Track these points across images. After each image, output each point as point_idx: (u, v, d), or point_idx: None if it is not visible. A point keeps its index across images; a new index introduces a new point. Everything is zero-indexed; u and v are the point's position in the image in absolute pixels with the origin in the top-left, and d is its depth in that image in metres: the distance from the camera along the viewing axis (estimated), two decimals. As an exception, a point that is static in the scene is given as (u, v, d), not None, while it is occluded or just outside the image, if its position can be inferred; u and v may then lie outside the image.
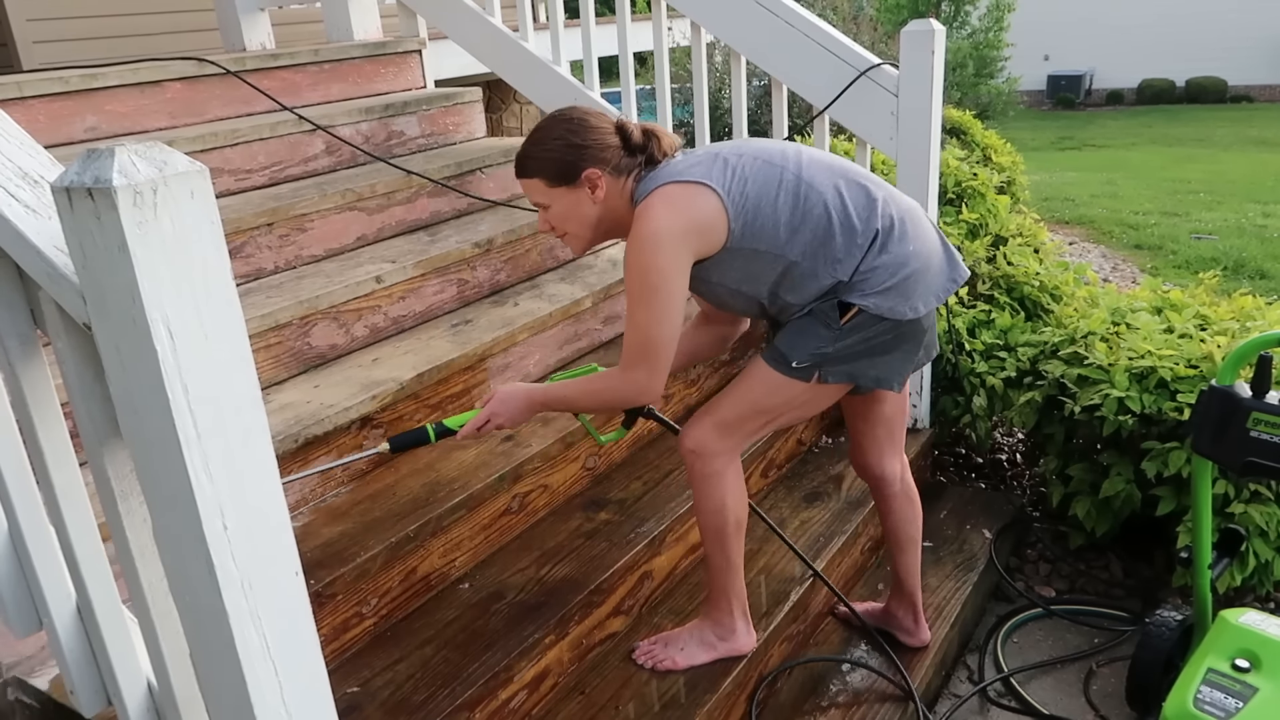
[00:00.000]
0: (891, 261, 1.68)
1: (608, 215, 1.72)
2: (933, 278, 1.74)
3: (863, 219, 1.68)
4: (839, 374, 1.74)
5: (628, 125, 1.71)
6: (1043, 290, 3.18)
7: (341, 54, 3.09)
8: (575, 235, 1.75)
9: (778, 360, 1.74)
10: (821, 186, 1.68)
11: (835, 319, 1.69)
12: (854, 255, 1.67)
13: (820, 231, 1.66)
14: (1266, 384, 1.78)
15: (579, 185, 1.68)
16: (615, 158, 1.69)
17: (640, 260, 1.62)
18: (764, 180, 1.67)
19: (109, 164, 0.78)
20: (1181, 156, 9.53)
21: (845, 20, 6.64)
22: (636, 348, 1.66)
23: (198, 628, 0.95)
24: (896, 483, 2.04)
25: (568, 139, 1.67)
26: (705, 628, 1.94)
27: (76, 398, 1.00)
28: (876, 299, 1.67)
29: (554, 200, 1.70)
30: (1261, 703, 1.70)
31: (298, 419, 1.93)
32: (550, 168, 1.67)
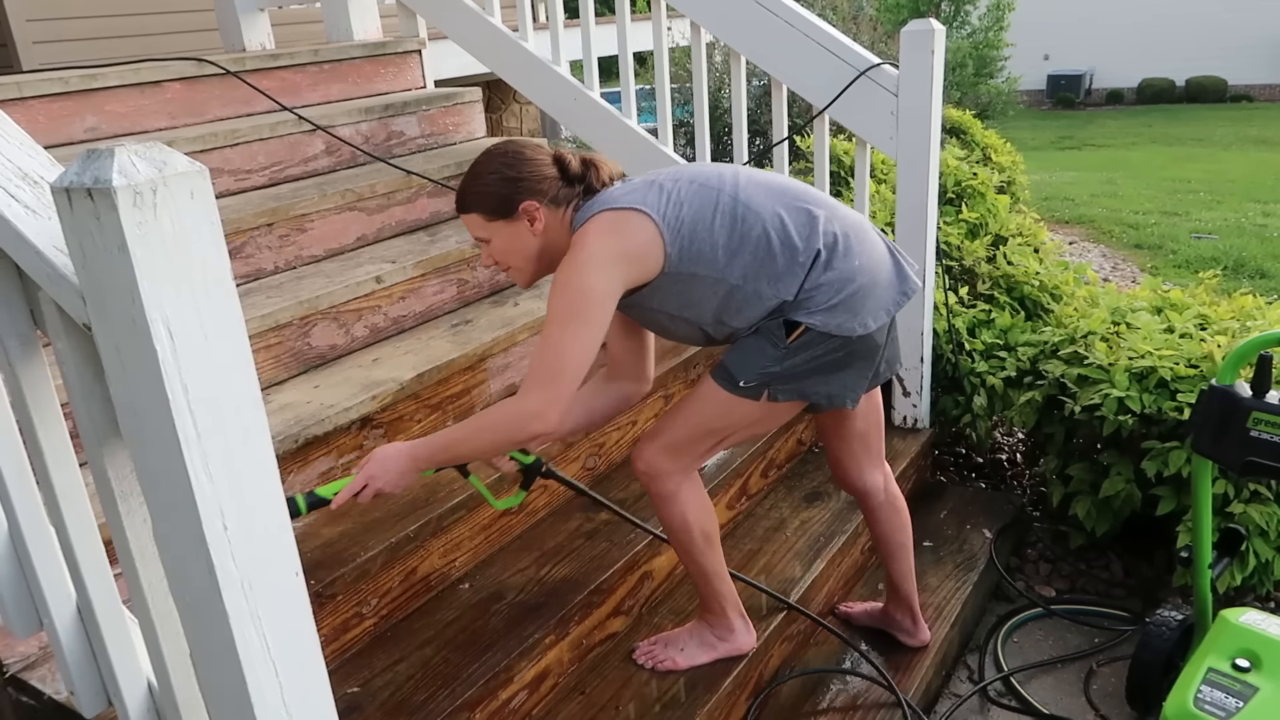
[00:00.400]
0: (836, 278, 1.66)
1: (548, 247, 1.71)
2: (881, 291, 1.71)
3: (803, 237, 1.66)
4: (788, 392, 1.72)
5: (565, 156, 1.71)
6: (1043, 290, 3.18)
7: (341, 54, 3.09)
8: (518, 269, 1.74)
9: (725, 379, 1.72)
10: (759, 207, 1.67)
11: (781, 338, 1.67)
12: (796, 274, 1.65)
13: (760, 253, 1.65)
14: (1266, 383, 1.78)
15: (517, 218, 1.67)
16: (553, 189, 1.68)
17: (569, 281, 1.59)
18: (700, 204, 1.66)
19: (109, 164, 0.78)
20: (1181, 156, 9.53)
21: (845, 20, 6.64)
22: (544, 369, 1.58)
23: (198, 628, 0.95)
24: (880, 493, 2.03)
25: (503, 172, 1.67)
26: (705, 628, 1.95)
27: (76, 398, 1.00)
28: (823, 316, 1.65)
29: (494, 234, 1.69)
30: (1262, 702, 1.70)
31: (298, 419, 1.93)
32: (487, 202, 1.67)
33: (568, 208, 1.70)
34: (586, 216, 1.66)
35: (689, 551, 1.85)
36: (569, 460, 2.24)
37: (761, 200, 1.68)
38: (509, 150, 1.70)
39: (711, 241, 1.65)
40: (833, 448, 2.01)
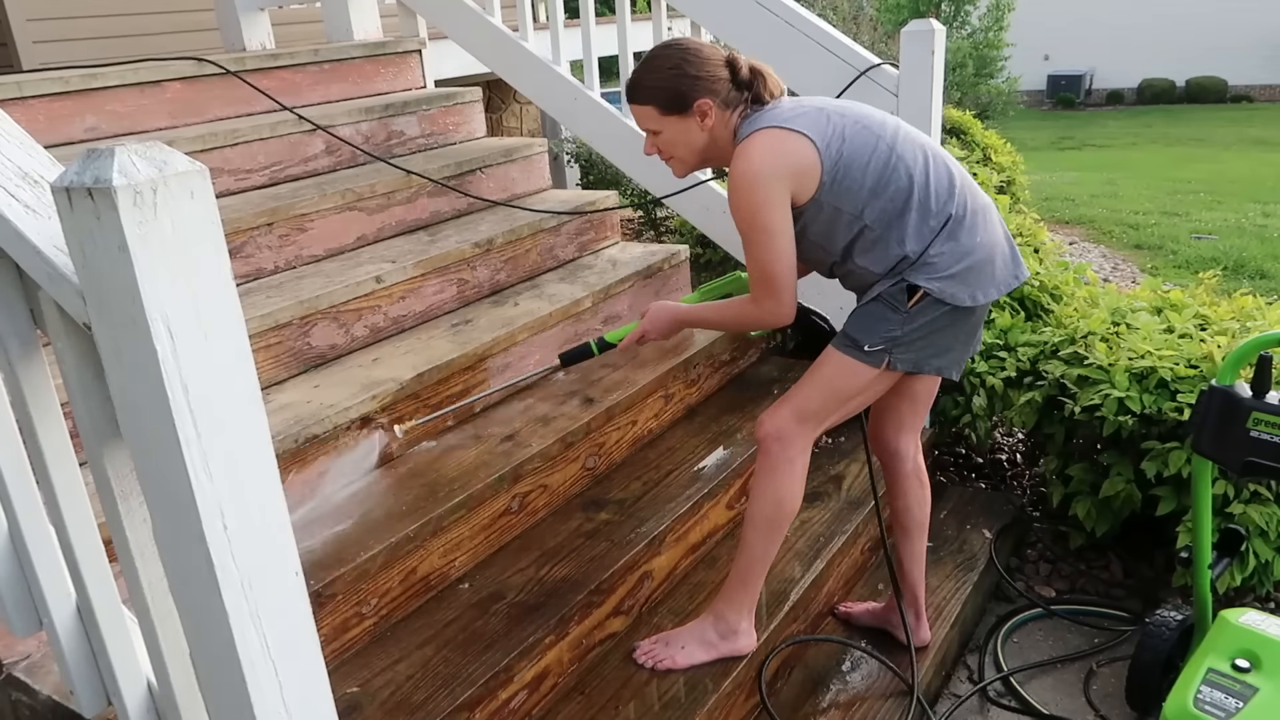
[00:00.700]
0: (958, 249, 1.76)
1: (713, 143, 1.81)
2: (995, 270, 1.81)
3: (940, 201, 1.76)
4: (906, 361, 1.81)
5: (738, 60, 1.78)
6: (1043, 290, 3.18)
7: (341, 54, 3.09)
8: (681, 160, 1.84)
9: (850, 345, 1.81)
10: (910, 162, 1.76)
11: (903, 302, 1.76)
12: (924, 235, 1.75)
13: (899, 203, 1.74)
14: (1266, 384, 1.78)
15: (690, 114, 1.77)
16: (725, 90, 1.77)
17: (743, 200, 1.71)
18: (860, 144, 1.74)
19: (109, 164, 0.78)
20: (1181, 156, 9.53)
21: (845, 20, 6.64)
22: (760, 282, 1.76)
23: (198, 628, 0.95)
24: (910, 460, 2.07)
25: (683, 69, 1.75)
26: (708, 625, 1.94)
27: (76, 398, 1.00)
28: (941, 283, 1.75)
29: (665, 127, 1.80)
30: (1262, 703, 1.70)
31: (298, 419, 1.93)
32: (664, 96, 1.76)
33: (734, 111, 1.79)
34: (754, 128, 1.74)
35: (770, 528, 1.89)
36: (569, 460, 2.24)
37: (913, 156, 1.77)
38: (688, 46, 1.78)
39: (861, 181, 1.73)
40: (883, 403, 2.04)
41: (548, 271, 2.86)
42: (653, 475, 2.35)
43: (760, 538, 1.89)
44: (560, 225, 2.89)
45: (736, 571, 1.93)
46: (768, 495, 1.87)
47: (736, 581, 1.93)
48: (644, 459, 2.43)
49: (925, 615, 2.19)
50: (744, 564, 1.91)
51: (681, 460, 2.41)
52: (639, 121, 1.83)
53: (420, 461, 2.09)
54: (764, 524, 1.88)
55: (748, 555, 1.91)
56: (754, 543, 1.90)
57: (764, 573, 1.93)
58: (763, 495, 1.88)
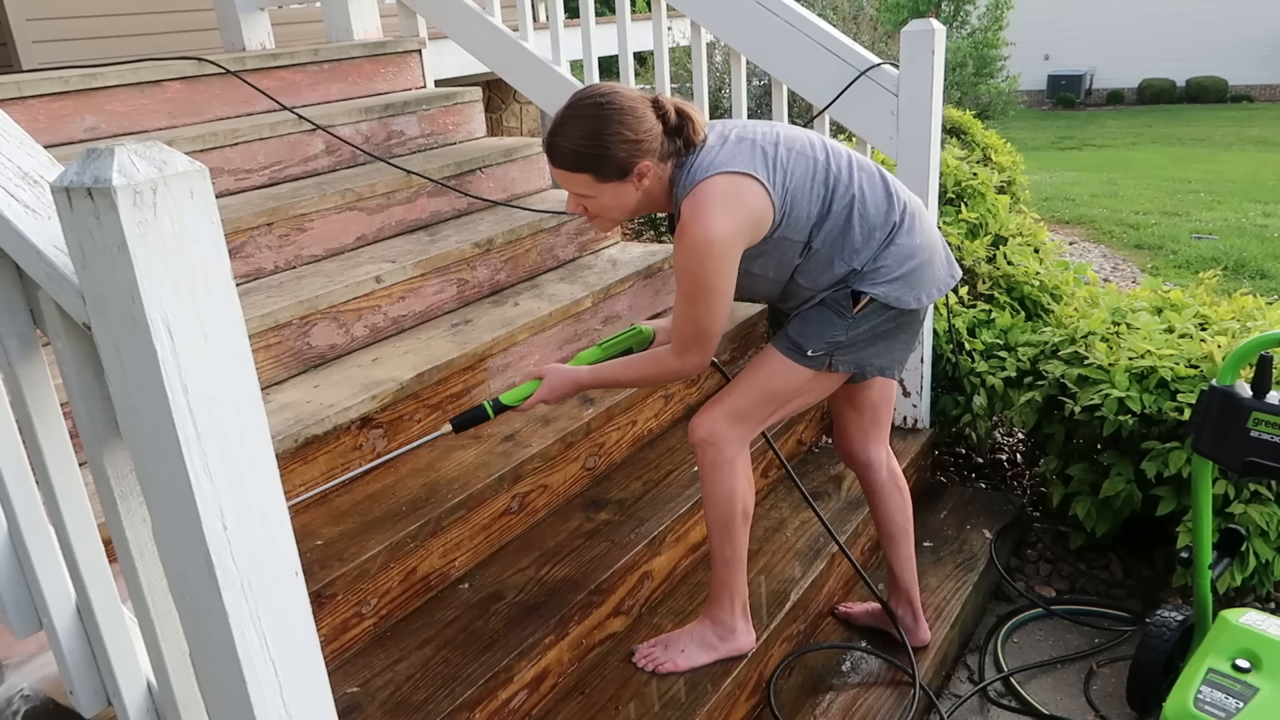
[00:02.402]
0: (900, 253, 1.74)
1: (645, 199, 1.74)
2: (936, 270, 1.80)
3: (880, 210, 1.74)
4: (847, 363, 1.80)
5: (664, 105, 1.68)
6: (1043, 290, 3.18)
7: (341, 54, 3.09)
8: (609, 219, 1.76)
9: (791, 349, 1.79)
10: (846, 180, 1.73)
11: (849, 308, 1.75)
12: (870, 247, 1.73)
13: (841, 222, 1.71)
14: (1267, 384, 1.78)
15: (628, 179, 1.67)
16: (659, 144, 1.67)
17: (698, 266, 1.64)
18: (801, 172, 1.70)
19: (108, 164, 0.78)
20: (1182, 156, 9.53)
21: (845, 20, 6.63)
22: (691, 336, 1.72)
23: (197, 628, 0.95)
24: (883, 469, 2.07)
25: (620, 133, 1.62)
26: (706, 628, 1.94)
27: (76, 398, 1.00)
28: (886, 288, 1.73)
29: (600, 193, 1.69)
30: (1262, 703, 1.70)
31: (298, 419, 1.93)
32: (602, 165, 1.64)
33: (669, 162, 1.71)
34: (697, 179, 1.66)
35: (728, 529, 1.87)
36: (569, 460, 2.24)
37: (847, 173, 1.74)
38: (622, 105, 1.63)
39: (807, 210, 1.70)
40: (844, 418, 2.04)
41: (548, 271, 2.86)
42: (653, 475, 2.35)
43: (722, 540, 1.88)
44: (560, 225, 2.89)
45: (716, 577, 1.93)
46: (715, 498, 1.86)
47: (720, 587, 1.93)
48: (644, 459, 2.43)
49: (924, 616, 2.19)
50: (718, 568, 1.91)
51: (681, 460, 2.41)
52: (565, 186, 1.70)
53: (420, 461, 2.09)
54: (719, 526, 1.87)
55: (719, 559, 1.90)
56: (719, 547, 1.89)
57: (741, 571, 1.92)
58: (711, 499, 1.87)
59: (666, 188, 1.72)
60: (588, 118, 1.63)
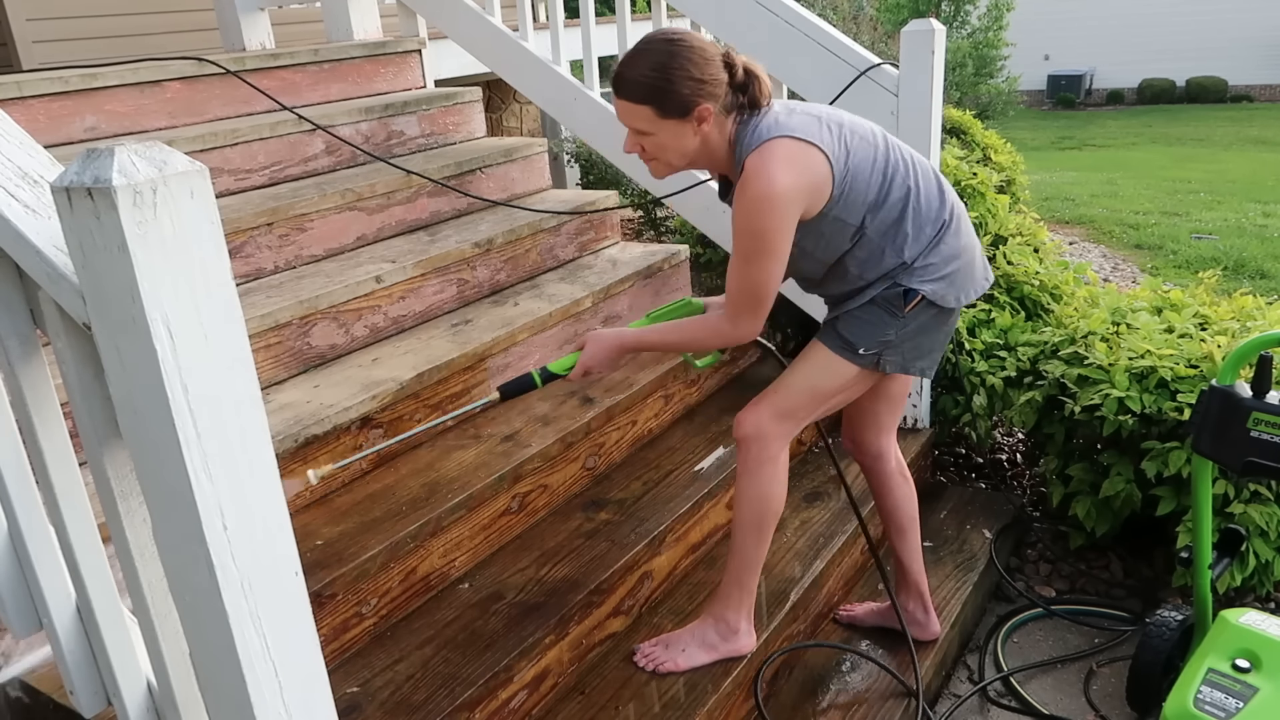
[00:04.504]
0: (948, 252, 1.77)
1: (703, 150, 1.71)
2: (975, 272, 1.84)
3: (933, 208, 1.76)
4: (895, 363, 1.82)
5: (734, 60, 1.67)
6: (1043, 290, 3.18)
7: (341, 54, 3.09)
8: (666, 163, 1.73)
9: (843, 347, 1.81)
10: (905, 170, 1.74)
11: (900, 308, 1.76)
12: (920, 242, 1.75)
13: (896, 214, 1.73)
14: (1267, 384, 1.78)
15: (688, 119, 1.65)
16: (724, 94, 1.66)
17: (758, 221, 1.63)
18: (862, 155, 1.71)
19: (109, 164, 0.78)
20: (1182, 156, 9.53)
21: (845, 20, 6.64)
22: (746, 298, 1.70)
23: (198, 628, 0.95)
24: (892, 459, 2.07)
25: (687, 69, 1.62)
26: (708, 627, 1.94)
27: (76, 398, 1.00)
28: (934, 286, 1.76)
29: (659, 130, 1.66)
30: (1262, 703, 1.70)
31: (298, 419, 1.93)
32: (663, 98, 1.62)
33: (731, 117, 1.69)
34: (762, 139, 1.65)
35: (758, 527, 1.87)
36: (569, 460, 2.24)
37: (906, 165, 1.75)
38: (692, 44, 1.63)
39: (864, 194, 1.70)
40: (861, 408, 2.04)
41: (548, 271, 2.86)
42: (653, 475, 2.35)
43: (750, 539, 1.88)
44: (560, 225, 2.89)
45: (730, 574, 1.92)
46: (751, 495, 1.86)
47: (732, 584, 1.92)
48: (644, 459, 2.43)
49: (933, 609, 2.19)
50: (737, 566, 1.91)
51: (681, 460, 2.41)
52: (626, 119, 1.68)
53: (420, 461, 2.09)
54: (752, 525, 1.87)
55: (740, 558, 1.90)
56: (744, 545, 1.89)
57: (758, 573, 1.92)
58: (747, 496, 1.86)
59: (728, 144, 1.71)
60: (658, 51, 1.63)
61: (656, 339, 1.83)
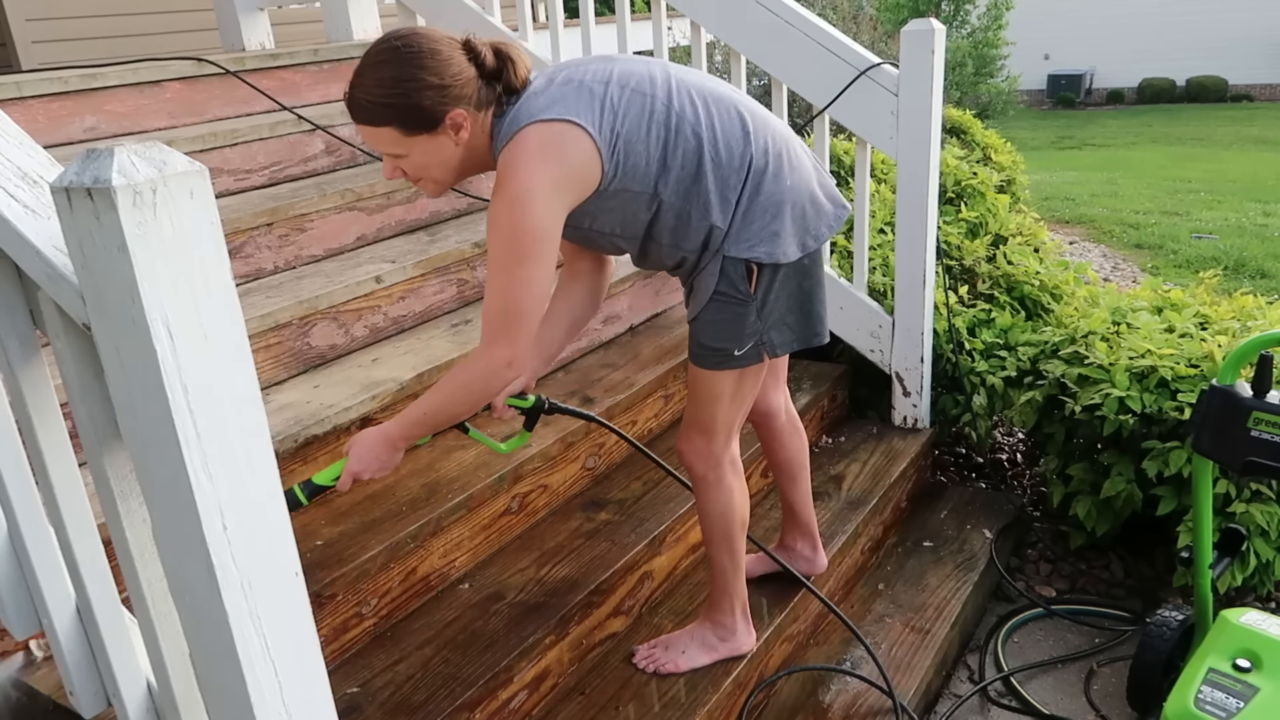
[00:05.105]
0: (769, 201, 1.58)
1: (469, 156, 1.54)
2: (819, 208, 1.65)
3: (735, 153, 1.56)
4: (783, 342, 1.69)
5: (478, 47, 1.50)
6: (1043, 289, 3.18)
7: (341, 54, 3.09)
8: (434, 181, 1.55)
9: (717, 360, 1.68)
10: (693, 119, 1.55)
11: (744, 289, 1.61)
12: (727, 199, 1.57)
13: (691, 168, 1.55)
14: (1267, 383, 1.78)
15: (441, 130, 1.48)
16: (474, 90, 1.48)
17: (510, 222, 1.43)
18: (635, 113, 1.51)
19: (108, 164, 0.78)
20: (1182, 156, 9.53)
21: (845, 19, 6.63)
22: (500, 317, 1.47)
23: (197, 628, 0.95)
24: (782, 414, 2.03)
25: (422, 78, 1.44)
26: (706, 629, 1.94)
27: (76, 398, 1.00)
28: (767, 247, 1.59)
29: (411, 149, 1.48)
30: (1262, 703, 1.70)
31: (298, 419, 1.92)
32: (407, 116, 1.44)
33: (487, 111, 1.52)
34: (513, 129, 1.48)
35: (726, 540, 1.85)
36: (569, 460, 2.24)
37: (693, 108, 1.56)
38: (422, 48, 1.46)
39: (646, 155, 1.52)
40: None
41: (548, 271, 2.86)
42: (653, 475, 2.35)
43: (723, 552, 1.87)
44: (560, 225, 2.88)
45: (716, 583, 1.92)
46: (712, 514, 1.84)
47: (718, 593, 1.92)
48: (644, 459, 2.43)
49: (821, 546, 2.18)
50: (717, 576, 1.91)
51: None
52: (374, 146, 1.50)
53: (420, 461, 2.09)
54: (721, 539, 1.85)
55: (718, 568, 1.89)
56: (719, 558, 1.88)
57: (741, 576, 1.91)
58: (708, 515, 1.84)
59: (489, 142, 1.53)
60: (385, 63, 1.45)
61: (419, 414, 1.53)
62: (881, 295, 2.96)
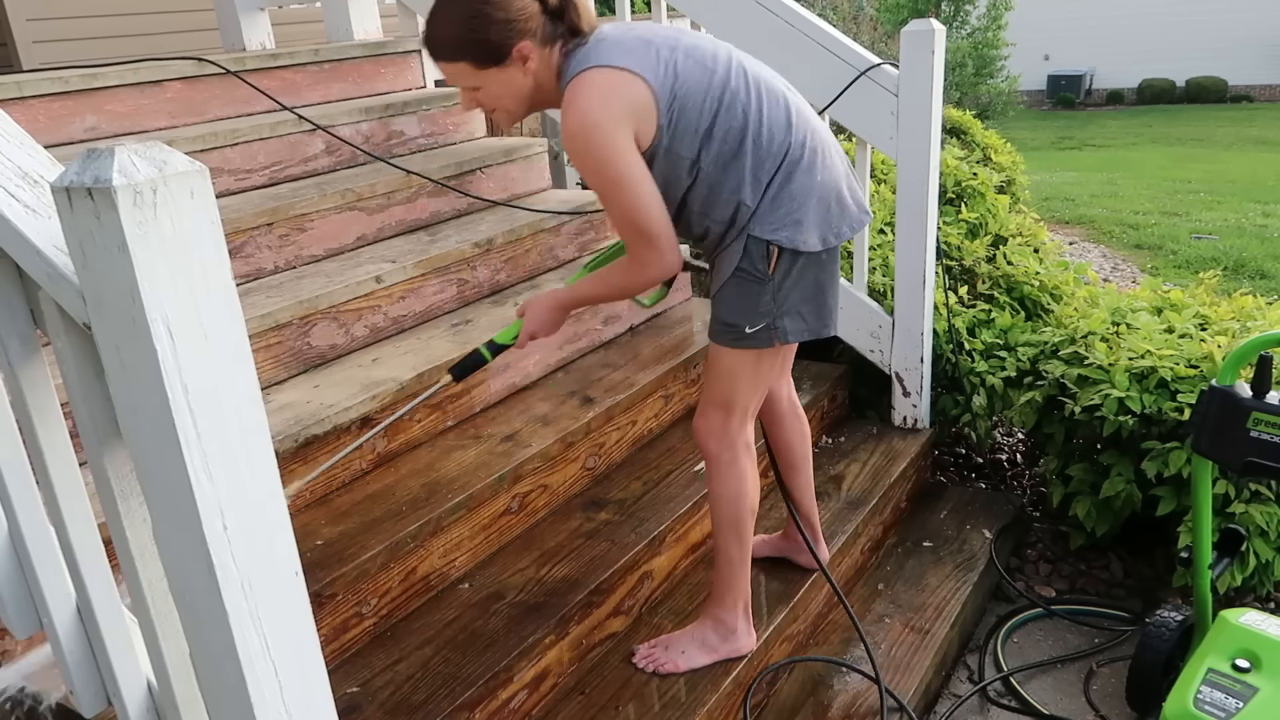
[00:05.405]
0: (799, 191, 1.65)
1: (538, 88, 1.66)
2: (843, 207, 1.72)
3: (776, 140, 1.64)
4: (795, 330, 1.73)
5: None
6: (1043, 290, 3.18)
7: (341, 54, 3.09)
8: (507, 111, 1.69)
9: (731, 337, 1.74)
10: (745, 97, 1.63)
11: (764, 268, 1.67)
12: (760, 179, 1.64)
13: (733, 144, 1.62)
14: (1267, 384, 1.78)
15: (510, 62, 1.61)
16: (538, 26, 1.60)
17: (585, 153, 1.56)
18: (694, 80, 1.61)
19: (109, 164, 0.78)
20: (1182, 156, 9.53)
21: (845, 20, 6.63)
22: (633, 233, 1.62)
23: (198, 628, 0.95)
24: (785, 400, 2.05)
25: (493, 14, 1.57)
26: (707, 628, 1.94)
27: (76, 398, 1.00)
28: (789, 232, 1.65)
29: (485, 81, 1.63)
30: (1262, 703, 1.70)
31: (298, 419, 1.93)
32: (478, 50, 1.59)
33: (554, 47, 1.63)
34: (580, 68, 1.59)
35: (736, 527, 1.86)
36: (569, 460, 2.24)
37: (748, 90, 1.64)
38: None
39: (697, 122, 1.61)
40: None
41: (548, 271, 2.86)
42: (653, 475, 2.35)
43: (731, 539, 1.87)
44: (560, 225, 2.89)
45: (720, 577, 1.92)
46: (723, 496, 1.85)
47: (723, 587, 1.92)
48: (644, 459, 2.43)
49: (822, 538, 2.20)
50: (723, 567, 1.90)
51: (681, 460, 2.41)
52: (451, 80, 1.65)
53: (420, 461, 2.09)
54: (730, 525, 1.86)
55: (724, 558, 1.89)
56: (727, 546, 1.88)
57: (747, 571, 1.92)
58: (719, 497, 1.86)
59: (555, 78, 1.64)
60: (455, 3, 1.59)
61: (587, 291, 1.77)
62: (881, 295, 2.96)
